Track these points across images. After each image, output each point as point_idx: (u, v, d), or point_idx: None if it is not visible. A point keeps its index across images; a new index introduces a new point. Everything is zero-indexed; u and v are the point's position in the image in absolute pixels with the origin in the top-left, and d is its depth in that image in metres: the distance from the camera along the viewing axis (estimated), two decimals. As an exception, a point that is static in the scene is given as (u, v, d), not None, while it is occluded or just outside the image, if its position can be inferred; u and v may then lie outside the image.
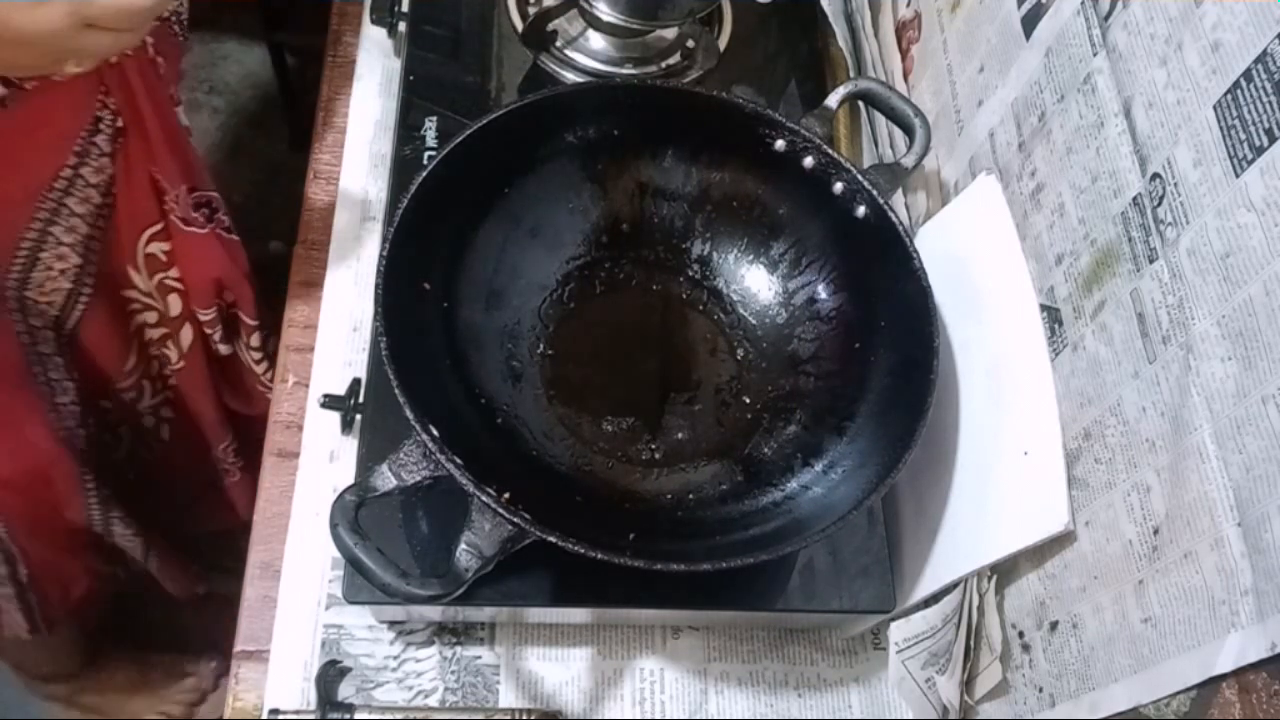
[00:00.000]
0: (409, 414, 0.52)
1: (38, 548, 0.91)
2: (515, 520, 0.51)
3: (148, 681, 1.23)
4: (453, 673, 0.67)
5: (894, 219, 0.66)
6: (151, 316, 0.88)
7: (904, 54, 0.83)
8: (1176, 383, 0.48)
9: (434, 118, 0.78)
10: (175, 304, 0.87)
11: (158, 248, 0.82)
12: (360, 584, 0.59)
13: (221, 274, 0.85)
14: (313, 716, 0.63)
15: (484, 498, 0.51)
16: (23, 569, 0.90)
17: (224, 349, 0.91)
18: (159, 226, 0.80)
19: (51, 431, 0.83)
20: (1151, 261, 0.50)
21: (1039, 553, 0.58)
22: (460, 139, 0.63)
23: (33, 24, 0.52)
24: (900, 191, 0.78)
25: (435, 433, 0.52)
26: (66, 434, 0.85)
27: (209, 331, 0.88)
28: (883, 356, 0.66)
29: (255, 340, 0.92)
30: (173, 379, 0.94)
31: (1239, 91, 0.45)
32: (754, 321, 0.73)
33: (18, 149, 0.68)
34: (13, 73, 0.61)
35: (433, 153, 0.72)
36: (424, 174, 0.61)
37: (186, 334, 0.89)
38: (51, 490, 0.87)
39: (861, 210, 0.68)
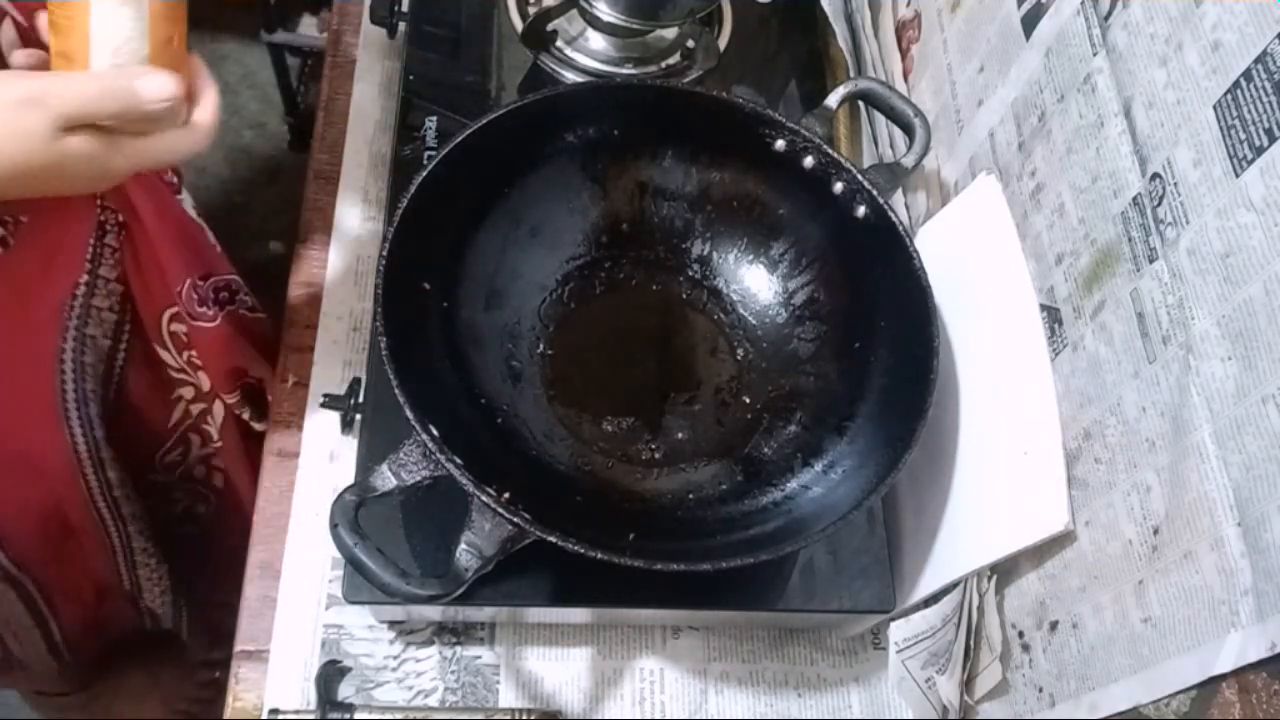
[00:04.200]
0: (409, 414, 0.52)
1: (64, 599, 0.90)
2: (515, 520, 0.51)
3: (159, 683, 1.22)
4: (453, 672, 0.67)
5: (894, 219, 0.66)
6: (188, 391, 0.85)
7: (904, 54, 0.83)
8: (1176, 382, 0.48)
9: (434, 118, 0.78)
10: (205, 380, 0.84)
11: (178, 328, 0.80)
12: (360, 584, 0.59)
13: (240, 361, 0.82)
14: (313, 716, 0.63)
15: (484, 498, 0.51)
16: (45, 608, 0.89)
17: (258, 426, 0.87)
18: (175, 309, 0.78)
19: (83, 493, 0.82)
20: (1151, 261, 0.50)
21: (1039, 553, 0.58)
22: (460, 139, 0.63)
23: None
24: (900, 191, 0.78)
25: (435, 433, 0.52)
26: (104, 494, 0.84)
27: (238, 412, 0.86)
28: (883, 356, 0.66)
29: None
30: (215, 458, 0.92)
31: (1239, 91, 0.45)
32: (754, 321, 0.73)
33: (33, 281, 0.66)
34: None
35: (433, 153, 0.72)
36: (424, 174, 0.61)
37: (219, 411, 0.87)
38: (78, 543, 0.85)
39: (861, 210, 0.68)
